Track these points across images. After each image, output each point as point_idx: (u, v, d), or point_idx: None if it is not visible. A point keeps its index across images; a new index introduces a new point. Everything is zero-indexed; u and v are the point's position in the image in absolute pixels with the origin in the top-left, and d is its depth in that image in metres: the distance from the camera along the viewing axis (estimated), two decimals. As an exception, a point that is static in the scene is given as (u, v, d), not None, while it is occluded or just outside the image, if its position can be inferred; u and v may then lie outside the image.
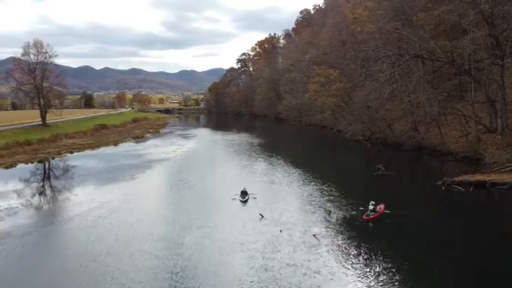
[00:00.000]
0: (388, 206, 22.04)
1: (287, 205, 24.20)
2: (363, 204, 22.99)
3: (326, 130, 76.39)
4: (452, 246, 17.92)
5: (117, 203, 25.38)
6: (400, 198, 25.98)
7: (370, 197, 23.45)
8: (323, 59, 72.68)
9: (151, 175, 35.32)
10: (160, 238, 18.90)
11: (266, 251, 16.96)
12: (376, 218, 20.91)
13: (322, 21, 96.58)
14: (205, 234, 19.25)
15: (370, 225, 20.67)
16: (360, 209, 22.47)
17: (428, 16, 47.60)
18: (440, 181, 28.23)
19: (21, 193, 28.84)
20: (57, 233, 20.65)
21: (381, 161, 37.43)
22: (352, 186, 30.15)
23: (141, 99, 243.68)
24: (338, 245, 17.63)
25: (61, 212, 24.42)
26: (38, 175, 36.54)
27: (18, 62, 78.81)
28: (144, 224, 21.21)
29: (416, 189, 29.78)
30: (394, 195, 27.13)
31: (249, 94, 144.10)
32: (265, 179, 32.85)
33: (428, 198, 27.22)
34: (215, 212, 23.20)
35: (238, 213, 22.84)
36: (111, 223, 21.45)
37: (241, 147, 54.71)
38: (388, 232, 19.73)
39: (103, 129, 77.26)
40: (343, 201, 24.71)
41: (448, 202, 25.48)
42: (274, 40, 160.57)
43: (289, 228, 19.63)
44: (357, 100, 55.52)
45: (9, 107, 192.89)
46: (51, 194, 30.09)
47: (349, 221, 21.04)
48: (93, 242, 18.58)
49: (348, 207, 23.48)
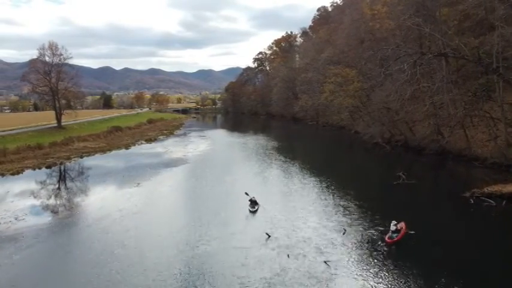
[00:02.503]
0: (410, 223, 19.51)
1: (298, 220, 22.14)
2: (382, 220, 20.79)
3: (343, 131, 73.91)
4: (486, 275, 15.59)
5: (117, 215, 23.93)
6: (423, 214, 23.10)
7: (390, 211, 21.31)
8: (340, 58, 69.98)
9: (158, 182, 33.75)
10: (143, 268, 16.97)
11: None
12: (399, 240, 18.48)
13: (339, 19, 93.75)
14: (201, 265, 16.67)
15: (392, 249, 17.97)
16: (380, 229, 20.06)
17: (453, 11, 44.75)
18: (469, 192, 25.53)
19: (25, 198, 27.90)
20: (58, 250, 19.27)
21: (402, 167, 35.02)
22: (370, 197, 27.37)
23: (158, 100, 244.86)
24: (354, 277, 15.22)
25: (59, 226, 23.05)
26: (41, 183, 35.15)
27: (34, 64, 79.26)
28: (131, 244, 19.61)
29: (442, 202, 26.57)
30: (417, 209, 24.42)
31: (266, 93, 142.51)
32: (277, 188, 30.90)
33: (456, 214, 24.07)
34: (219, 228, 21.20)
35: (244, 230, 20.90)
36: (106, 238, 19.96)
37: (256, 151, 52.80)
38: (413, 258, 17.10)
39: (117, 132, 76.61)
40: (360, 217, 22.34)
41: (479, 219, 22.46)
42: (291, 38, 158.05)
43: (298, 254, 17.42)
44: (376, 101, 52.88)
45: (31, 107, 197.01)
46: (52, 202, 28.83)
47: (367, 243, 18.53)
48: (97, 264, 17.07)
49: (365, 225, 21.07)
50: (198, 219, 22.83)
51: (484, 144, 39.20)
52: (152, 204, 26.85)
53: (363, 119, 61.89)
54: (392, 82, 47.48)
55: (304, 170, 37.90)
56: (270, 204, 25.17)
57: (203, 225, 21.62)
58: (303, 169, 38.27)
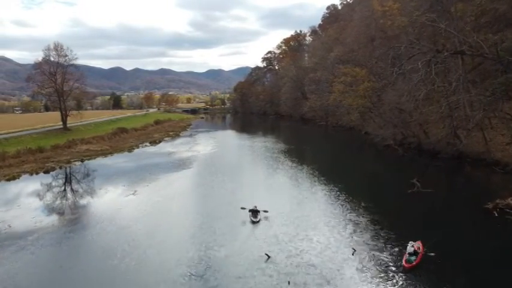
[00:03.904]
0: (428, 242, 17.17)
1: (302, 235, 20.08)
2: (396, 238, 18.67)
3: (353, 132, 71.58)
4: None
5: (107, 228, 22.24)
6: (442, 230, 20.34)
7: (404, 226, 19.22)
8: (349, 57, 67.58)
9: (156, 191, 31.95)
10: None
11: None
12: (418, 263, 16.21)
13: (349, 17, 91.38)
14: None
15: (410, 275, 15.51)
16: (394, 249, 17.77)
17: (469, 6, 42.20)
18: (491, 204, 22.99)
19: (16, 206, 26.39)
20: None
21: (415, 172, 32.84)
22: (383, 209, 24.71)
23: (167, 100, 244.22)
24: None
25: (50, 233, 21.44)
26: (34, 191, 33.23)
27: (39, 65, 78.53)
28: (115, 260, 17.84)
29: (462, 215, 23.83)
30: (435, 224, 21.82)
31: (275, 93, 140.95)
32: (282, 196, 28.82)
33: (480, 229, 21.23)
34: (213, 247, 19.08)
35: (242, 248, 18.77)
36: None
37: (262, 155, 50.67)
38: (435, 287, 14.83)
39: (122, 133, 75.34)
40: (372, 235, 19.96)
41: (508, 235, 19.84)
42: (300, 37, 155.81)
43: (299, 282, 15.18)
44: (388, 101, 50.55)
45: (42, 108, 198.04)
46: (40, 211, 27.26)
47: (380, 268, 16.16)
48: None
49: (378, 244, 18.65)
50: (192, 235, 20.97)
51: (504, 147, 36.71)
52: (141, 219, 24.69)
53: (374, 120, 59.52)
54: (405, 82, 45.19)
55: (312, 176, 35.79)
56: (274, 216, 23.25)
57: (196, 242, 19.75)
58: (311, 176, 36.17)
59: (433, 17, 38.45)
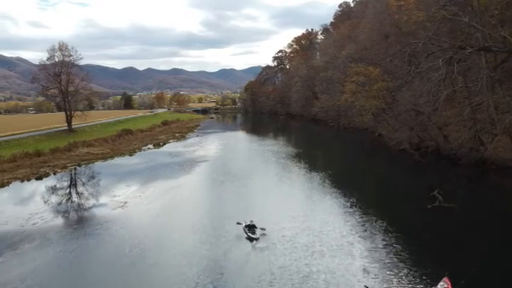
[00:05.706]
0: (457, 277, 14.02)
1: (306, 262, 17.13)
2: (419, 269, 15.60)
3: (366, 134, 68.15)
4: None
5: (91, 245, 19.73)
6: (472, 258, 17.06)
7: (427, 253, 16.24)
8: (362, 55, 64.31)
9: (149, 202, 29.44)
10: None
11: None
12: None
13: (362, 14, 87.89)
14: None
15: None
16: (418, 286, 14.67)
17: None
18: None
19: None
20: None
21: (435, 180, 29.66)
22: (401, 230, 21.14)
23: (178, 100, 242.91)
24: None
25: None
26: (19, 201, 31.23)
27: (44, 66, 77.23)
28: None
29: (494, 236, 20.12)
30: (463, 250, 18.40)
31: (285, 93, 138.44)
32: (289, 208, 25.69)
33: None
34: (204, 271, 16.59)
35: (235, 278, 16.17)
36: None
37: (270, 159, 47.63)
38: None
39: (126, 135, 73.18)
40: (389, 266, 16.58)
41: None
42: (311, 36, 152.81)
43: None
44: (403, 103, 47.17)
45: (55, 108, 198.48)
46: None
47: None
48: None
49: (396, 279, 15.34)
50: (180, 255, 18.34)
51: (535, 154, 33.22)
52: (127, 237, 22.33)
53: (388, 122, 56.17)
54: (422, 82, 41.83)
55: (322, 186, 32.70)
56: (276, 233, 20.51)
57: (186, 263, 17.08)
58: (321, 185, 33.11)
59: (455, 9, 35.10)
